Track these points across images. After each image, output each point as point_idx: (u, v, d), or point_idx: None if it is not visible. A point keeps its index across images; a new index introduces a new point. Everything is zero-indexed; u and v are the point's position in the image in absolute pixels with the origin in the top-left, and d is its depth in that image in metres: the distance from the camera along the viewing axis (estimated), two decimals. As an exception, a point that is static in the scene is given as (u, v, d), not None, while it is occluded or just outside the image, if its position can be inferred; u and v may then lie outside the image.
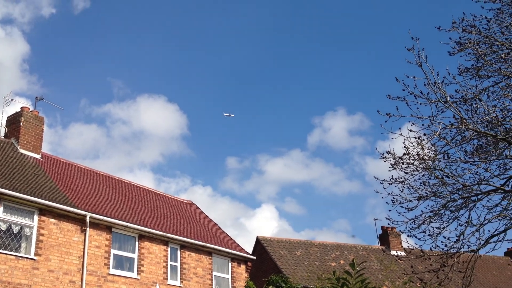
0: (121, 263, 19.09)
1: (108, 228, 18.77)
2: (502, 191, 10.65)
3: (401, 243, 30.93)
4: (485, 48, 10.39)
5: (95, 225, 18.39)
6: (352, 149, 76.27)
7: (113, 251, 18.81)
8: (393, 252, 29.91)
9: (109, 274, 18.36)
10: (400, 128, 9.92)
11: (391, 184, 10.48)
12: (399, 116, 9.35)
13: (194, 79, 74.20)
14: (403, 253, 29.48)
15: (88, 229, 18.04)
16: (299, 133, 76.71)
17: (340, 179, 76.05)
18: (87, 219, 17.97)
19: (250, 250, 27.78)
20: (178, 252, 21.20)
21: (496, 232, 10.06)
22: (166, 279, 20.28)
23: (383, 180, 10.92)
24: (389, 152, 10.55)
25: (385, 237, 31.46)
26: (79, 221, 17.96)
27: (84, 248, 17.80)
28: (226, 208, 71.52)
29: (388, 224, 11.39)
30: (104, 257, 18.37)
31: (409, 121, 9.65)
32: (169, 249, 20.78)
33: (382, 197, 10.88)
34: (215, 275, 22.33)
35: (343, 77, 74.36)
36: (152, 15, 72.54)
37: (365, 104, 73.03)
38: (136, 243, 19.68)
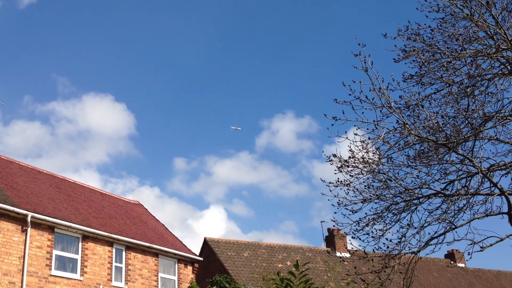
0: (63, 264, 18.62)
1: (50, 228, 18.27)
2: (442, 195, 11.02)
3: (346, 245, 31.51)
4: (428, 56, 10.74)
5: (37, 225, 17.87)
6: (299, 152, 77.12)
7: (55, 252, 18.32)
8: (338, 254, 30.38)
9: (51, 275, 17.88)
10: (346, 132, 10.13)
11: (337, 186, 10.67)
12: (345, 120, 9.55)
13: (143, 78, 73.21)
14: (347, 255, 30.03)
15: (29, 229, 17.51)
16: (247, 136, 76.92)
17: (287, 181, 76.72)
18: (28, 219, 17.44)
19: (197, 252, 27.63)
20: (123, 253, 20.85)
21: (435, 235, 10.40)
22: (111, 280, 19.91)
23: (329, 183, 11.12)
24: (335, 155, 10.75)
25: (331, 239, 31.92)
26: (20, 220, 17.40)
27: (24, 249, 17.26)
28: (173, 209, 70.93)
29: (334, 226, 11.59)
30: (46, 257, 17.87)
31: (354, 125, 9.87)
32: (114, 250, 20.41)
33: (328, 200, 11.08)
34: (161, 277, 22.09)
35: (292, 80, 75.12)
36: (99, 12, 71.19)
37: (314, 108, 74.02)
38: (80, 243, 19.24)
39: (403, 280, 10.44)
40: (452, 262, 35.44)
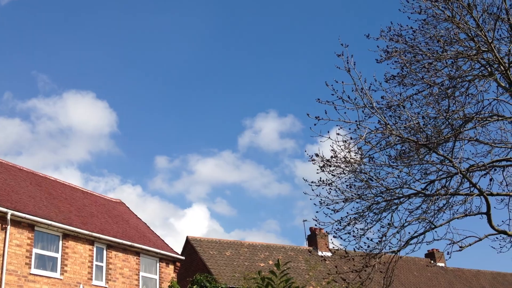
0: (43, 262, 18.44)
1: (30, 226, 18.08)
2: (422, 195, 11.12)
3: (327, 244, 31.67)
4: (410, 57, 10.84)
5: (17, 223, 17.67)
6: (282, 152, 77.19)
7: (35, 250, 18.13)
8: (320, 253, 30.53)
9: (31, 274, 17.69)
10: (328, 132, 10.18)
11: (319, 186, 10.72)
12: (328, 120, 9.60)
13: (125, 76, 72.62)
14: (329, 254, 30.18)
15: (9, 227, 17.30)
16: (230, 134, 76.79)
17: (270, 181, 76.76)
18: (8, 217, 17.23)
19: (179, 251, 27.56)
20: (104, 252, 20.72)
21: (415, 234, 10.50)
22: (91, 279, 19.76)
23: (312, 182, 11.17)
24: (317, 155, 10.80)
25: (313, 238, 32.04)
26: (-1, 218, 17.20)
27: (4, 247, 17.06)
28: (155, 208, 70.45)
29: (316, 225, 11.64)
30: (26, 256, 17.68)
31: (337, 125, 9.92)
32: (94, 249, 20.26)
33: (311, 199, 11.12)
34: (142, 276, 21.99)
35: (275, 79, 75.17)
36: (81, 9, 70.53)
37: (297, 107, 74.13)
38: (60, 242, 19.07)
39: (383, 279, 10.53)
40: (432, 262, 35.80)
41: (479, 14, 10.42)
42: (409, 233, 10.74)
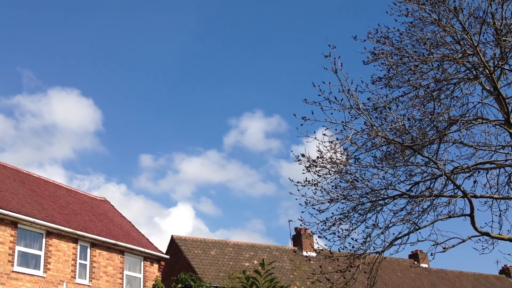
0: (26, 260, 18.26)
1: (13, 223, 17.89)
2: (407, 196, 11.20)
3: (312, 244, 31.76)
4: (396, 59, 10.91)
5: (0, 220, 17.48)
6: (268, 152, 77.20)
7: (18, 248, 17.95)
8: (305, 253, 30.60)
9: (13, 271, 17.51)
10: (315, 132, 10.21)
11: (305, 186, 10.74)
12: (314, 120, 9.62)
13: (110, 74, 72.08)
14: (314, 254, 30.28)
15: (-9, 224, 17.12)
16: (216, 134, 76.60)
17: (255, 181, 76.72)
18: (-9, 214, 17.05)
19: (164, 250, 27.45)
20: (88, 250, 20.57)
21: (400, 235, 10.56)
22: (74, 277, 19.61)
23: (297, 182, 11.20)
24: (303, 155, 10.83)
25: (298, 238, 32.12)
26: (-19, 215, 17.01)
27: (-14, 244, 16.87)
28: (140, 207, 70.03)
29: (301, 225, 11.68)
30: (8, 253, 17.49)
31: (323, 126, 9.95)
32: (78, 247, 20.11)
33: (296, 199, 11.15)
34: (126, 274, 21.87)
35: (262, 79, 75.17)
36: (66, 6, 69.95)
37: (283, 107, 74.17)
38: (44, 240, 18.90)
39: (367, 279, 10.59)
40: (415, 263, 36.07)
41: (465, 18, 10.52)
42: (393, 234, 10.82)
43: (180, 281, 7.07)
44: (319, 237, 11.43)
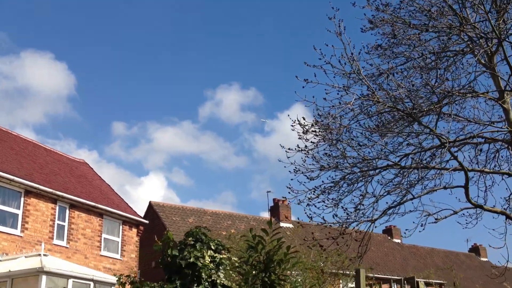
0: (3, 218, 17.87)
1: (-9, 181, 17.44)
2: (398, 167, 11.14)
3: (289, 216, 31.89)
4: (398, 25, 10.72)
5: (-23, 176, 17.02)
6: (242, 124, 76.82)
7: (-5, 206, 17.55)
8: (282, 224, 30.72)
9: (-11, 230, 17.15)
10: (314, 97, 9.98)
11: (300, 151, 10.59)
12: (317, 83, 9.41)
13: (85, 39, 70.26)
14: (291, 225, 30.43)
15: (-32, 180, 16.65)
16: (191, 104, 75.76)
17: (228, 153, 76.49)
18: (-32, 170, 16.57)
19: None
20: (67, 211, 20.22)
21: (393, 204, 10.53)
22: (52, 238, 19.30)
23: (289, 149, 11.02)
24: (299, 121, 10.63)
25: (275, 209, 32.21)
26: (-42, 171, 16.51)
27: (-38, 201, 16.43)
28: (111, 175, 69.07)
29: (289, 192, 11.48)
30: (-15, 211, 17.10)
31: (325, 89, 9.76)
32: (57, 208, 19.74)
33: (285, 167, 10.97)
34: (104, 237, 21.63)
35: (239, 50, 74.39)
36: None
37: (259, 80, 73.63)
38: (22, 199, 18.49)
39: (358, 247, 10.57)
40: (389, 238, 36.67)
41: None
42: (386, 202, 10.78)
43: (191, 235, 6.94)
44: (308, 205, 11.32)
